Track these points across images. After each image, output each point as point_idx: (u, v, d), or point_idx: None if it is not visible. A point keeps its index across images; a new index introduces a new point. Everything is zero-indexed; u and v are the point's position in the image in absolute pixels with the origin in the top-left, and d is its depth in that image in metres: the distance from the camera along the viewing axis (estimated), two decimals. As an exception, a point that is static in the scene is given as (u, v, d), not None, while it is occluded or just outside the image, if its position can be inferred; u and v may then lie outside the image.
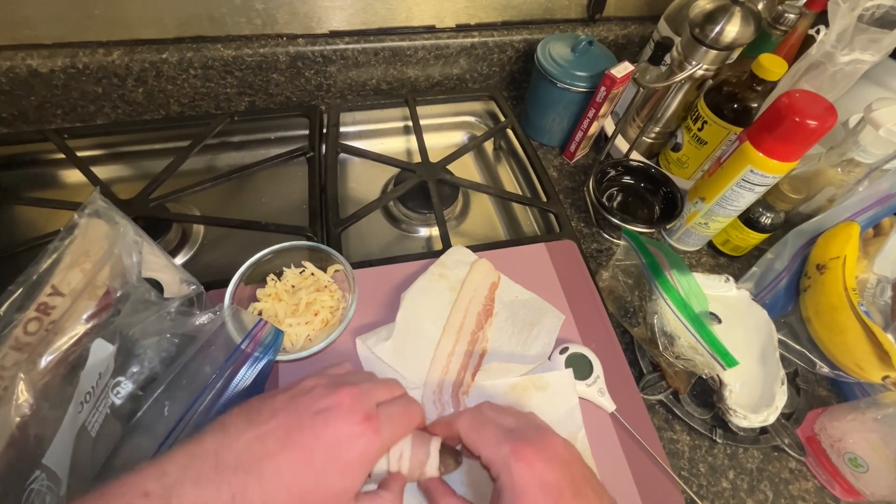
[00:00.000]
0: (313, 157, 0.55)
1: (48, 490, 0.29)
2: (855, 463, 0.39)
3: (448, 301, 0.42)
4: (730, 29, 0.46)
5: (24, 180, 0.56)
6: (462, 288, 0.43)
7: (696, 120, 0.53)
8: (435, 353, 0.39)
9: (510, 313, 0.43)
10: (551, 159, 0.64)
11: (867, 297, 0.47)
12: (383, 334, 0.39)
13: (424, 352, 0.39)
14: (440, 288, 0.43)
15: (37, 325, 0.33)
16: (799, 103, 0.40)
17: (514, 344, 0.41)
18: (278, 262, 0.40)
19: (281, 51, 0.58)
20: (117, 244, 0.37)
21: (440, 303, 0.42)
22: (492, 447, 0.26)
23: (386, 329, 0.39)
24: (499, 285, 0.45)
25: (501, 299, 0.44)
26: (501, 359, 0.40)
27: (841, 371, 0.45)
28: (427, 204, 0.54)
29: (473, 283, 0.43)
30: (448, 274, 0.43)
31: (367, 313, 0.41)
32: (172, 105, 0.60)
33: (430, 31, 0.63)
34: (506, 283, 0.45)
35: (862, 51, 0.40)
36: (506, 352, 0.41)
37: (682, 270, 0.44)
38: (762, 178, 0.44)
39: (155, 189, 0.50)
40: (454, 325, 0.41)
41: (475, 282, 0.44)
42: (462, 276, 0.44)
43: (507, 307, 0.43)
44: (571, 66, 0.57)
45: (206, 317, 0.34)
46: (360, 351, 0.39)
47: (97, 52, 0.53)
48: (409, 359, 0.39)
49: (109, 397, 0.31)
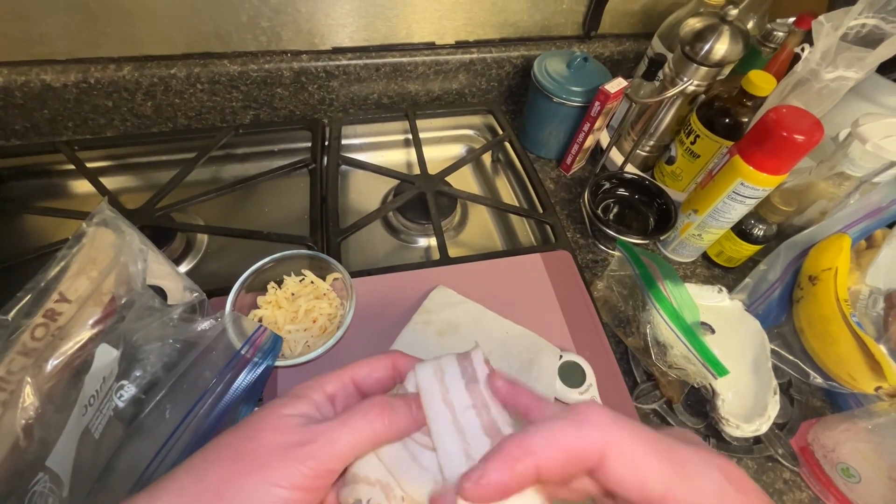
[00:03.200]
0: (315, 168, 0.56)
1: (50, 492, 0.30)
2: (847, 473, 0.39)
3: (439, 347, 0.40)
4: (719, 47, 0.47)
5: (35, 190, 0.58)
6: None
7: (688, 134, 0.54)
8: None
9: (504, 352, 0.40)
10: (548, 171, 0.65)
11: (859, 308, 0.48)
12: None
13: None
14: (427, 336, 0.40)
15: (44, 331, 0.34)
16: (786, 119, 0.41)
17: None
18: (279, 271, 0.42)
19: (285, 66, 0.60)
20: (123, 252, 0.38)
21: (431, 352, 0.38)
22: (692, 484, 0.16)
23: None
24: (486, 321, 0.42)
25: (492, 336, 0.41)
26: None
27: (834, 382, 0.45)
28: (425, 215, 0.55)
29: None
30: (434, 319, 0.42)
31: (365, 321, 0.42)
32: (180, 118, 0.62)
33: (430, 48, 0.64)
34: (494, 319, 0.43)
35: (846, 68, 0.41)
36: None
37: (674, 281, 0.45)
38: (752, 191, 0.45)
39: (161, 199, 0.51)
40: None
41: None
42: (449, 319, 0.42)
43: (500, 345, 0.41)
44: (567, 82, 0.58)
45: (208, 323, 0.35)
46: None
47: (109, 67, 0.55)
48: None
49: (113, 400, 0.32)
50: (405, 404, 0.21)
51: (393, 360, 0.24)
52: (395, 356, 0.24)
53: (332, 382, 0.22)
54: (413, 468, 0.21)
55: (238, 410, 0.34)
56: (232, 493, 0.18)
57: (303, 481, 0.18)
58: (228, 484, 0.18)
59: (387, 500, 0.20)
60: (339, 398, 0.22)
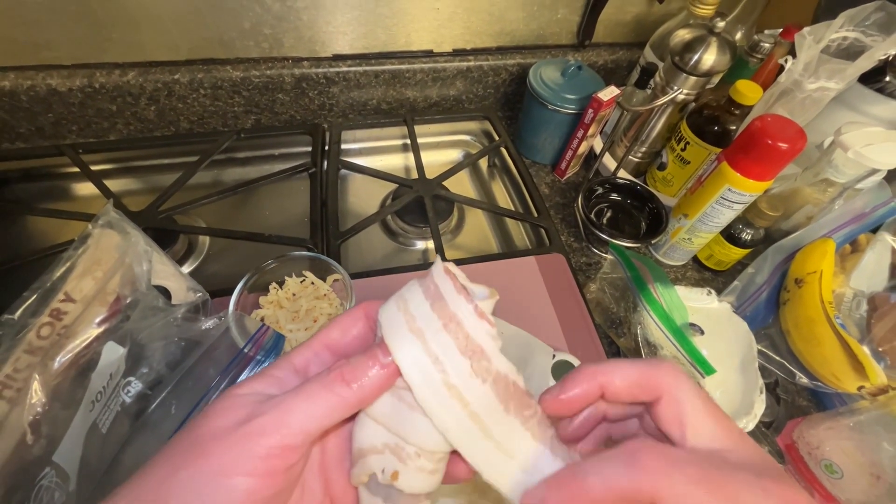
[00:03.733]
0: (315, 172, 0.57)
1: (57, 486, 0.31)
2: (830, 469, 0.40)
3: None
4: (707, 57, 0.49)
5: (40, 192, 0.59)
6: None
7: (679, 141, 0.56)
8: None
9: None
10: (543, 176, 0.66)
11: (844, 310, 0.49)
12: None
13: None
14: None
15: (49, 330, 0.35)
16: (771, 127, 0.42)
17: None
18: (280, 272, 0.43)
19: (287, 72, 0.61)
20: (128, 254, 0.39)
21: None
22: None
23: None
24: None
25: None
26: None
27: (819, 381, 0.46)
28: (423, 218, 0.56)
29: None
30: None
31: (364, 321, 0.43)
32: (182, 122, 0.63)
33: (428, 56, 0.66)
34: None
35: (827, 79, 0.43)
36: None
37: (665, 284, 0.46)
38: (739, 197, 0.47)
39: (164, 202, 0.52)
40: None
41: None
42: None
43: None
44: (561, 90, 0.60)
45: (211, 322, 0.36)
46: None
47: (113, 72, 0.57)
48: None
49: (120, 396, 0.33)
50: (369, 355, 0.18)
51: (364, 310, 0.20)
52: (365, 305, 0.20)
53: (301, 354, 0.19)
54: (415, 417, 0.18)
55: (240, 407, 0.35)
56: (175, 492, 0.15)
57: (257, 464, 0.16)
58: (168, 482, 0.15)
59: (401, 461, 0.18)
60: (312, 370, 0.19)
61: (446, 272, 0.19)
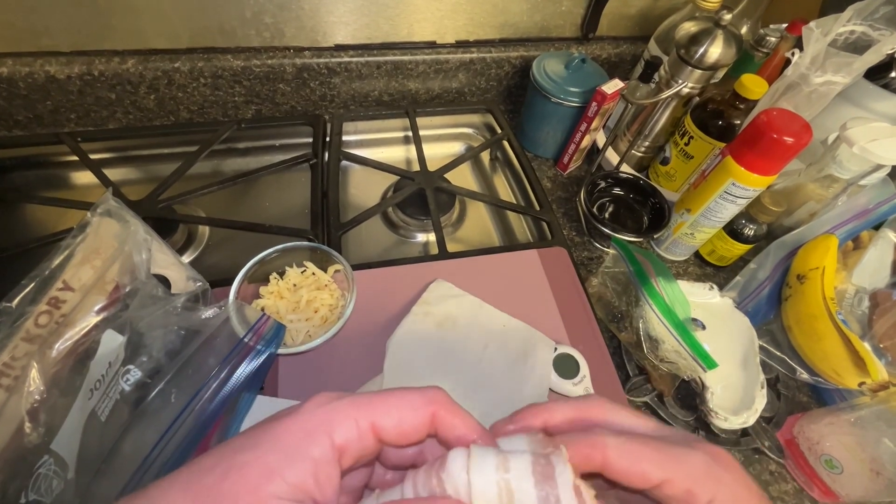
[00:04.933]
0: (316, 163, 0.57)
1: (55, 475, 0.31)
2: (830, 465, 0.40)
3: (438, 338, 0.40)
4: (713, 50, 0.48)
5: (38, 180, 0.58)
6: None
7: (682, 135, 0.56)
8: None
9: (500, 344, 0.41)
10: (545, 170, 0.66)
11: (845, 306, 0.49)
12: (373, 388, 0.37)
13: None
14: (427, 326, 0.41)
15: (47, 318, 0.34)
16: (776, 121, 0.42)
17: (508, 378, 0.39)
18: (281, 262, 0.42)
19: (288, 62, 0.60)
20: (127, 242, 0.38)
21: (429, 342, 0.40)
22: (684, 466, 0.18)
23: (375, 381, 0.38)
24: (484, 314, 0.43)
25: (489, 329, 0.42)
26: (498, 400, 0.38)
27: (820, 377, 0.46)
28: (424, 210, 0.56)
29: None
30: (433, 311, 0.42)
31: (366, 312, 0.43)
32: (182, 112, 0.63)
33: (431, 47, 0.65)
34: (491, 312, 0.44)
35: (834, 73, 0.43)
36: (502, 389, 0.39)
37: (667, 278, 0.46)
38: (743, 191, 0.46)
39: (163, 191, 0.52)
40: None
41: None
42: (448, 311, 0.42)
43: (497, 337, 0.42)
44: (565, 83, 0.59)
45: (212, 311, 0.36)
46: None
47: (113, 60, 0.56)
48: None
49: (119, 384, 0.32)
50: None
51: (434, 410, 0.18)
52: (436, 404, 0.18)
53: (345, 427, 0.17)
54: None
55: (240, 397, 0.35)
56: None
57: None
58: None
59: None
60: (351, 453, 0.17)
61: (575, 492, 0.15)
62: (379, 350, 0.40)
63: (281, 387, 0.38)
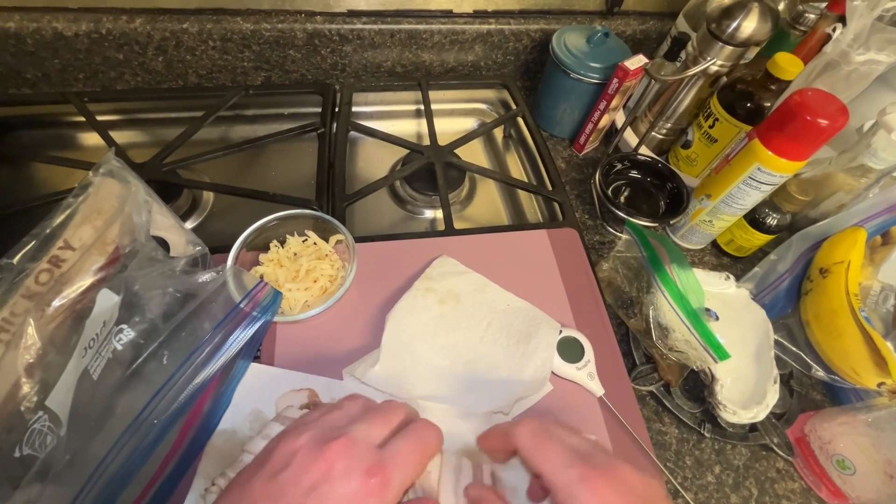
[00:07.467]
0: (324, 133, 0.56)
1: (49, 430, 0.31)
2: (842, 465, 0.39)
3: (438, 314, 0.40)
4: (747, 25, 0.45)
5: (44, 140, 0.58)
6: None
7: (707, 117, 0.53)
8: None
9: (503, 323, 0.40)
10: (560, 151, 0.64)
11: (869, 303, 0.47)
12: (370, 361, 0.36)
13: (419, 371, 0.37)
14: (428, 302, 0.40)
15: (47, 276, 0.34)
16: (811, 101, 0.39)
17: (509, 357, 0.38)
18: (282, 230, 0.41)
19: (298, 27, 0.58)
20: (128, 203, 0.38)
21: (429, 318, 0.39)
22: (558, 469, 0.23)
23: (372, 355, 0.37)
24: (489, 292, 0.42)
25: (493, 308, 0.41)
26: (498, 379, 0.37)
27: (836, 375, 0.44)
28: (433, 186, 0.55)
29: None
30: (435, 287, 0.41)
31: (366, 285, 0.42)
32: (190, 76, 0.61)
33: (447, 16, 0.63)
34: (496, 291, 0.43)
35: (878, 51, 0.39)
36: (502, 368, 0.38)
37: (682, 265, 0.44)
38: (769, 177, 0.44)
39: (168, 155, 0.51)
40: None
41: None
42: (451, 287, 0.41)
43: (500, 316, 0.41)
44: (586, 58, 0.57)
45: (209, 275, 0.35)
46: (347, 384, 0.36)
47: (120, 18, 0.55)
48: (404, 381, 0.36)
49: (112, 343, 0.32)
50: None
51: None
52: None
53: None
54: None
55: (235, 364, 0.34)
56: None
57: None
58: None
59: None
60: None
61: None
62: (378, 324, 0.39)
63: (277, 356, 0.37)
